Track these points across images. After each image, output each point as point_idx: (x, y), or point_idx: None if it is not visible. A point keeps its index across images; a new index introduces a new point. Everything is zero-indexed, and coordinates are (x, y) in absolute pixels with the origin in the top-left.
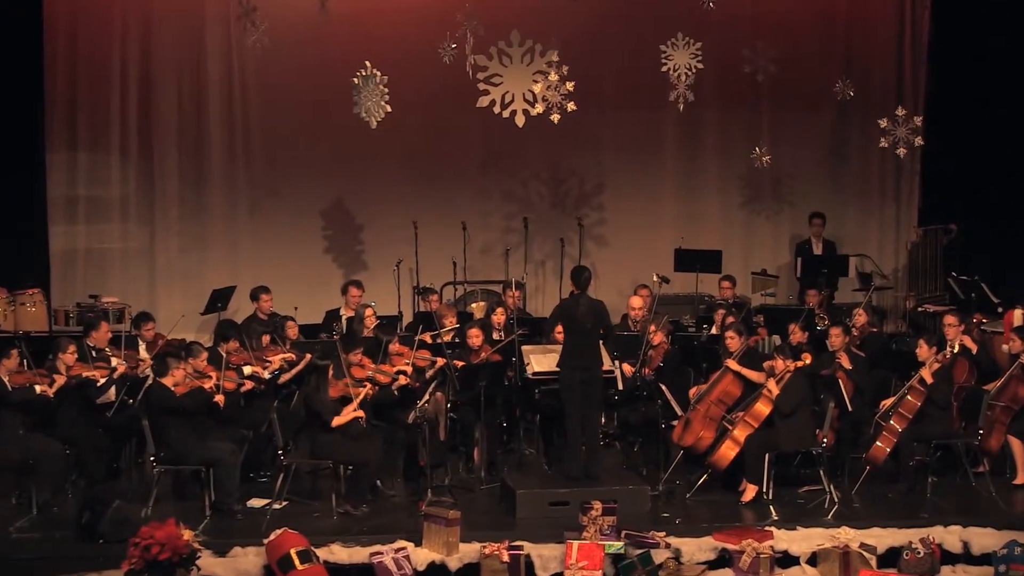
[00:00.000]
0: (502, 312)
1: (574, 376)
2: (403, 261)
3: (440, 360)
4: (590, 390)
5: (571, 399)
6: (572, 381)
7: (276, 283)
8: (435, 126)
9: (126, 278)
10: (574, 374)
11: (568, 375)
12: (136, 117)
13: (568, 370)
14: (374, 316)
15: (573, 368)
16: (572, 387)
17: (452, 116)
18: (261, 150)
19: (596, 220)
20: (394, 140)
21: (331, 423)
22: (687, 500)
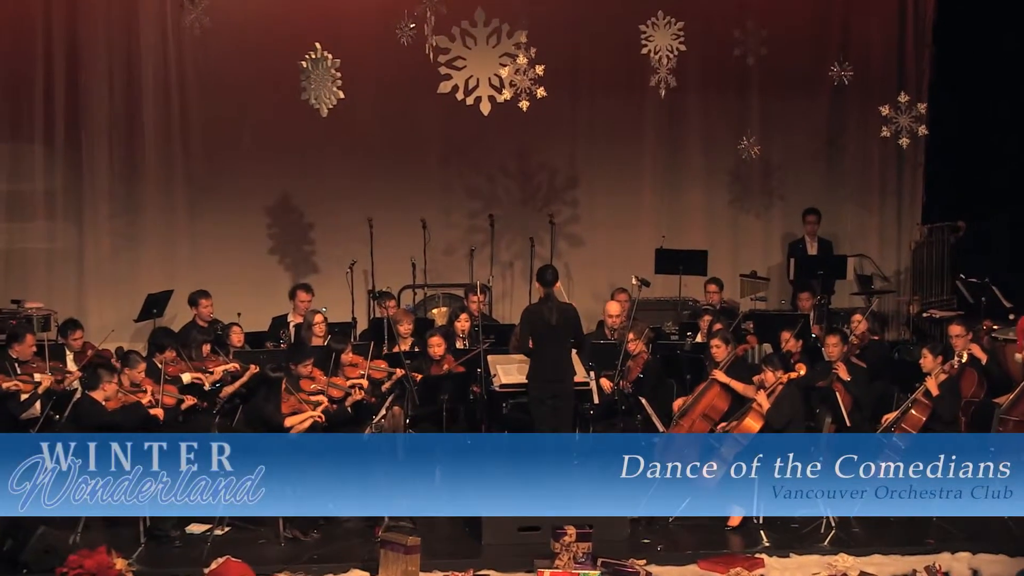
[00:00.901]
0: (466, 319)
1: (543, 391)
2: (357, 262)
3: (398, 371)
4: (561, 405)
5: (541, 416)
6: (541, 396)
7: (217, 287)
8: (392, 114)
9: (52, 281)
10: (544, 388)
11: (537, 390)
12: (62, 103)
13: (537, 384)
14: (325, 323)
15: (542, 382)
16: (541, 402)
17: (410, 103)
18: (200, 141)
19: (569, 217)
20: (346, 130)
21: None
22: (669, 525)
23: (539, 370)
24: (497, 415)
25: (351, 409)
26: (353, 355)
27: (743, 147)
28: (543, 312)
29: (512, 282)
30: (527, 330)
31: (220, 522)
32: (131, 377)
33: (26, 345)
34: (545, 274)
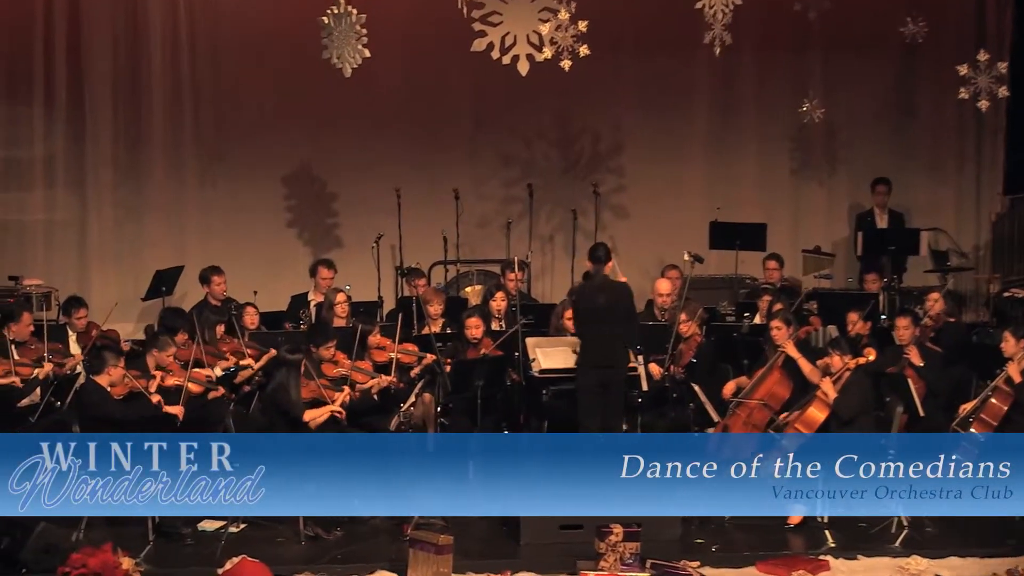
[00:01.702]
0: (502, 297)
1: (592, 377)
2: (383, 236)
3: (429, 356)
4: (611, 393)
5: (588, 404)
6: (589, 383)
7: (230, 263)
8: (421, 75)
9: (51, 256)
10: (592, 375)
11: (586, 376)
12: (63, 61)
13: (586, 370)
14: (348, 302)
15: (591, 368)
16: (590, 390)
17: (442, 63)
18: (212, 104)
19: (614, 187)
20: (372, 92)
21: (303, 418)
22: (725, 523)
23: (587, 355)
24: (536, 403)
25: (377, 395)
26: (380, 337)
27: (805, 110)
28: (592, 292)
29: (552, 257)
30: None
31: (235, 519)
32: (159, 360)
33: (23, 324)
34: (596, 251)
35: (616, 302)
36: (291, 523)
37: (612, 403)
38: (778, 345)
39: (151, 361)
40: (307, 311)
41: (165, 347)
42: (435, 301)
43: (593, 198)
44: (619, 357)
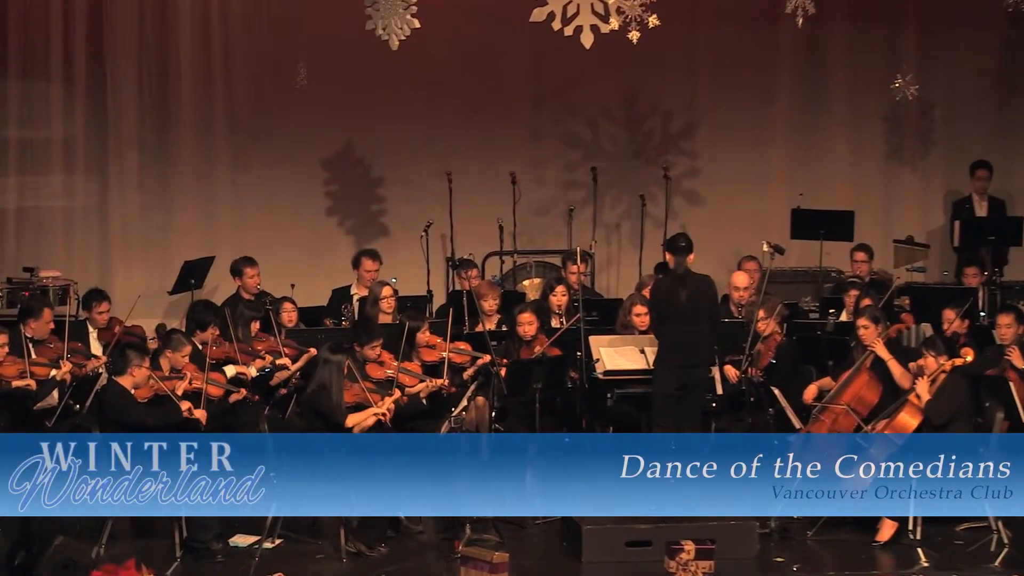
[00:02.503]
0: (563, 292)
1: (671, 378)
2: (433, 224)
3: (483, 356)
4: (689, 398)
5: (662, 410)
6: (668, 384)
7: (266, 254)
8: (475, 47)
9: (71, 246)
10: (671, 375)
11: (664, 377)
12: (83, 34)
13: (664, 372)
14: (395, 297)
15: (670, 369)
16: (667, 392)
17: (497, 34)
18: (246, 80)
19: (687, 171)
20: (421, 66)
21: (346, 423)
22: (807, 540)
23: (667, 354)
24: (600, 408)
25: (425, 399)
26: (429, 335)
27: (897, 87)
28: (673, 286)
29: (618, 247)
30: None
31: (271, 533)
32: (173, 361)
33: (43, 322)
34: (676, 242)
35: (699, 297)
36: (332, 538)
37: (689, 407)
38: (866, 345)
39: (165, 363)
40: (349, 306)
41: (180, 347)
42: (490, 296)
43: (663, 183)
44: (701, 357)
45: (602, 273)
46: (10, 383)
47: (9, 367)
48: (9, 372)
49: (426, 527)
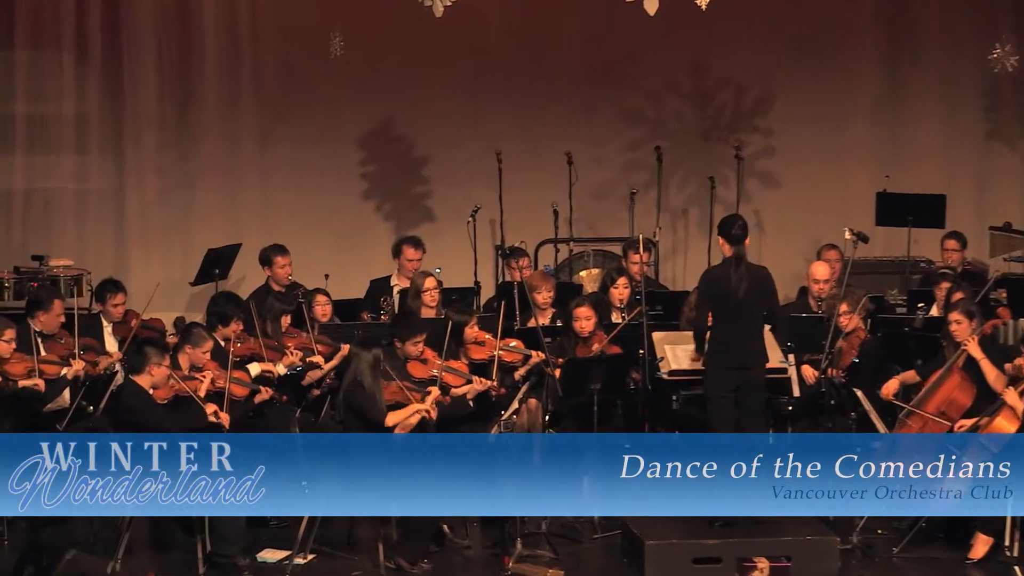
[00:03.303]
0: (624, 283)
1: (726, 380)
2: (481, 209)
3: (536, 354)
4: (750, 399)
5: (720, 413)
6: (722, 387)
7: (297, 241)
8: (529, 14)
9: (84, 232)
10: (726, 377)
11: (717, 378)
12: (99, 1)
13: (717, 372)
14: (439, 289)
15: (724, 369)
16: (722, 396)
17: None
18: (275, 52)
19: (761, 150)
20: (468, 35)
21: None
22: (893, 557)
23: (720, 354)
24: (664, 411)
25: (472, 401)
26: (477, 331)
27: (995, 57)
28: (728, 277)
29: (685, 234)
30: (706, 301)
31: (302, 548)
32: (192, 358)
33: (53, 315)
34: (731, 226)
35: (756, 291)
36: (370, 553)
37: (751, 411)
38: (958, 343)
39: (184, 360)
40: (389, 299)
41: (200, 342)
42: (543, 287)
43: (735, 163)
44: (757, 356)
45: (667, 263)
46: (17, 382)
47: (16, 364)
48: (16, 370)
49: (473, 541)
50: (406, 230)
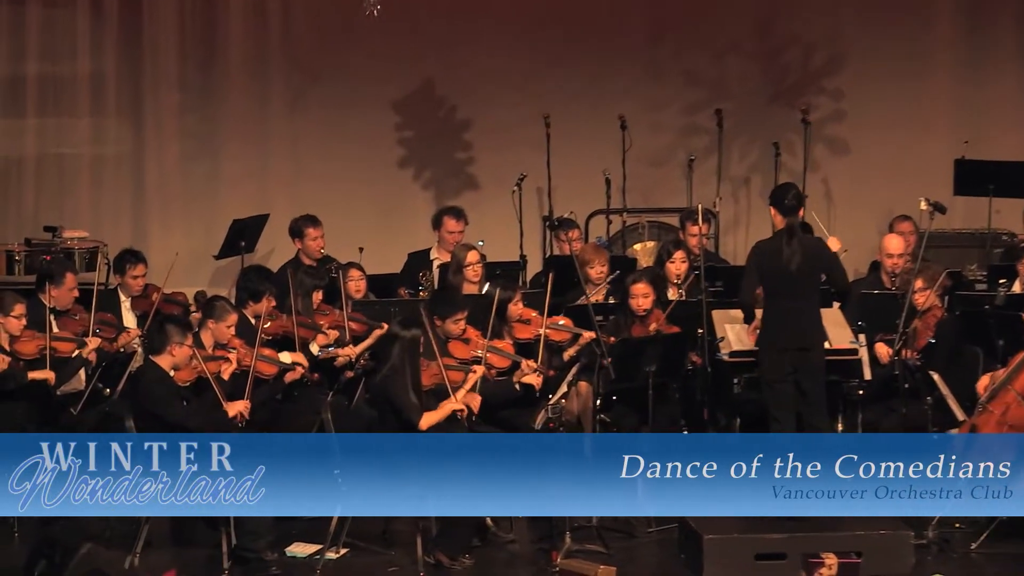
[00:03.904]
0: (682, 257)
1: (781, 362)
2: (527, 177)
3: (587, 333)
4: (809, 383)
5: (779, 398)
6: (778, 370)
7: (330, 211)
8: None
9: (100, 201)
10: (780, 359)
11: (771, 361)
12: None
13: (770, 353)
14: (482, 263)
15: (777, 351)
16: (779, 379)
17: None
18: (305, 8)
19: (830, 114)
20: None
21: (420, 425)
22: (971, 553)
23: (772, 334)
24: (724, 396)
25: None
26: (523, 308)
27: None
28: (780, 251)
29: (747, 204)
30: (753, 275)
31: (334, 542)
32: (216, 334)
33: (66, 289)
34: (784, 195)
35: (811, 266)
36: (407, 548)
37: (811, 395)
38: None
39: (207, 336)
40: (429, 274)
41: (224, 316)
42: (596, 261)
43: (802, 128)
44: (814, 336)
45: (728, 235)
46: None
47: (27, 343)
48: (27, 349)
49: (518, 535)
50: (447, 200)
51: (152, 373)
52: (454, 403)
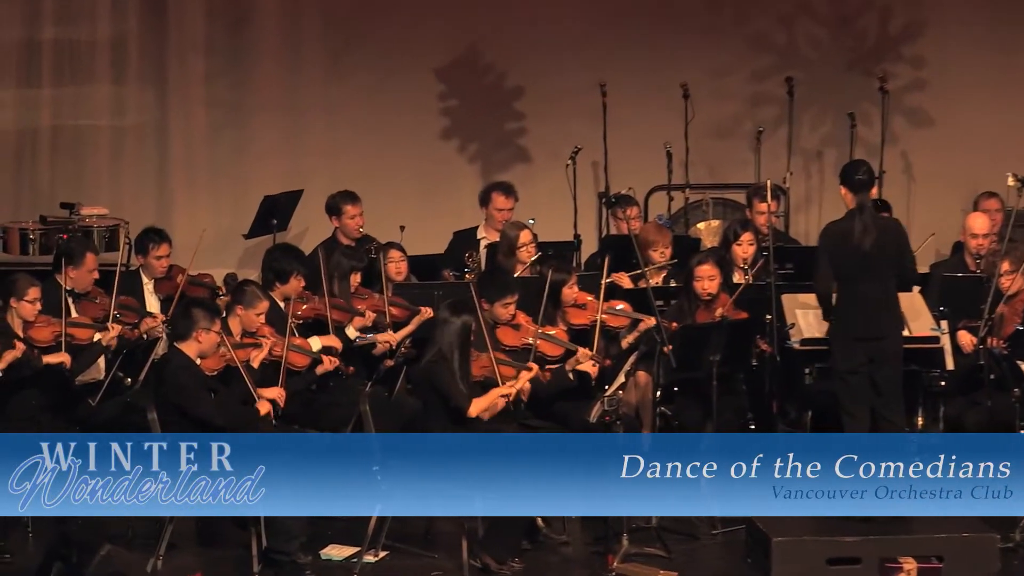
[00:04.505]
0: (749, 238)
1: (855, 352)
2: (582, 150)
3: (647, 319)
4: (884, 374)
5: (852, 391)
6: (851, 360)
7: (369, 187)
8: None
9: (120, 176)
10: (854, 348)
11: (844, 351)
12: None
13: (843, 343)
14: (534, 242)
15: (850, 340)
16: (851, 371)
17: None
18: None
19: (910, 83)
20: None
21: (468, 411)
22: None
23: (846, 322)
24: (795, 387)
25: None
26: (578, 291)
27: None
28: (851, 232)
29: (821, 180)
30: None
31: (373, 544)
32: (245, 322)
33: (85, 270)
34: (854, 172)
35: (884, 246)
36: (451, 551)
37: (886, 387)
38: None
39: (236, 323)
40: (475, 255)
41: (254, 303)
42: (659, 242)
43: (879, 97)
44: (890, 323)
45: (799, 214)
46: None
47: (42, 329)
48: (42, 335)
49: (572, 537)
50: (495, 175)
51: (177, 361)
52: (503, 387)
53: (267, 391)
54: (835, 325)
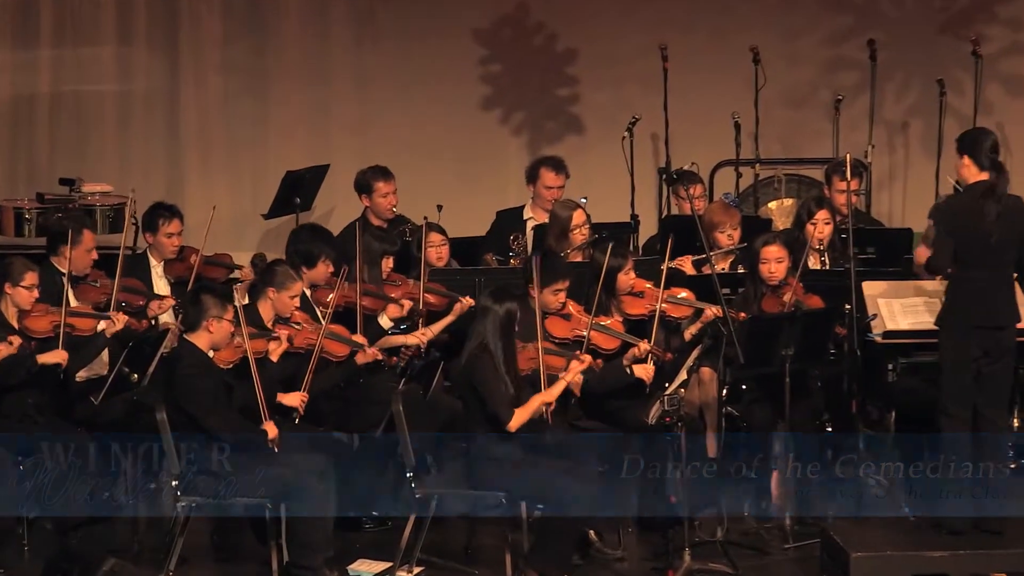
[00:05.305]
0: (826, 218)
1: (970, 344)
2: (640, 120)
3: (711, 308)
4: (996, 367)
5: (959, 388)
6: (965, 353)
7: (402, 163)
8: None
9: (127, 147)
10: (970, 340)
11: (957, 343)
12: None
13: (957, 332)
14: (587, 224)
15: (966, 328)
16: (963, 363)
17: None
18: None
19: (1006, 47)
20: None
21: (509, 424)
22: None
23: (963, 311)
24: (877, 384)
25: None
26: (635, 278)
27: None
28: (979, 212)
29: (905, 155)
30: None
31: (407, 559)
32: (277, 306)
33: (83, 249)
34: (982, 142)
35: (1011, 229)
36: (494, 566)
37: (997, 382)
38: None
39: (266, 308)
40: (521, 237)
41: (287, 284)
42: (725, 223)
43: (972, 63)
44: (1010, 314)
45: (882, 192)
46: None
47: (40, 318)
48: (40, 326)
49: (628, 552)
50: (543, 148)
51: (190, 358)
52: (545, 393)
53: (288, 397)
54: (949, 314)
